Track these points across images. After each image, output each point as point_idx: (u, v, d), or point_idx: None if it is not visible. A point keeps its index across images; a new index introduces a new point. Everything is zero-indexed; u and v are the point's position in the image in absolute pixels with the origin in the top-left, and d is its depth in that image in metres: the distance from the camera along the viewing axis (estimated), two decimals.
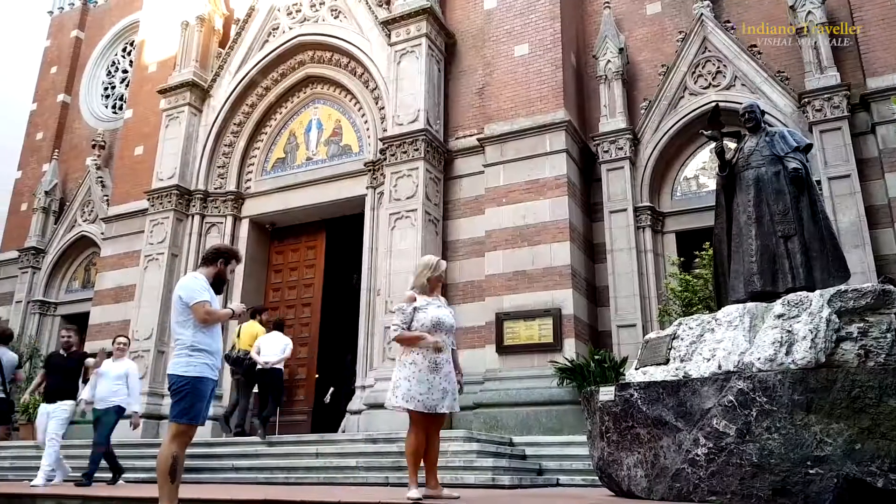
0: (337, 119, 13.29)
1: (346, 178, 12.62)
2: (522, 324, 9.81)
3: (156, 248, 12.97)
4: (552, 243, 9.99)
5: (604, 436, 4.81)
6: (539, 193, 10.31)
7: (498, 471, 7.29)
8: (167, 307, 12.54)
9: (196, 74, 13.90)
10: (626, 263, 10.10)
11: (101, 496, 6.08)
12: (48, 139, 18.33)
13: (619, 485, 4.70)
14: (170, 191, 13.15)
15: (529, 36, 11.18)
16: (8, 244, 17.70)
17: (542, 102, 10.72)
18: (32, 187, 17.65)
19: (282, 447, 8.93)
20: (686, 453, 4.21)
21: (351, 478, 7.64)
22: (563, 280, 9.79)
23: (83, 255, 16.30)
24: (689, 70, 10.64)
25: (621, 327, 9.87)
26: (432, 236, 10.88)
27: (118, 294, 13.78)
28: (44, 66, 19.62)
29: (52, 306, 16.12)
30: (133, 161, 14.94)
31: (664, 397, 4.40)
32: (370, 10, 12.55)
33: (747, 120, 5.76)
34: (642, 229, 10.33)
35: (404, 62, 11.67)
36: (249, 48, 13.87)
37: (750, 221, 5.42)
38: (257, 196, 13.52)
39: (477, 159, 11.22)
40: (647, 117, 10.72)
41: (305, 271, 13.41)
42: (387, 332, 10.27)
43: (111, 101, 18.54)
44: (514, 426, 9.20)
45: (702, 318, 5.16)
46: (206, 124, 13.85)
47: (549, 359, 9.43)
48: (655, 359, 5.14)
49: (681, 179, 10.76)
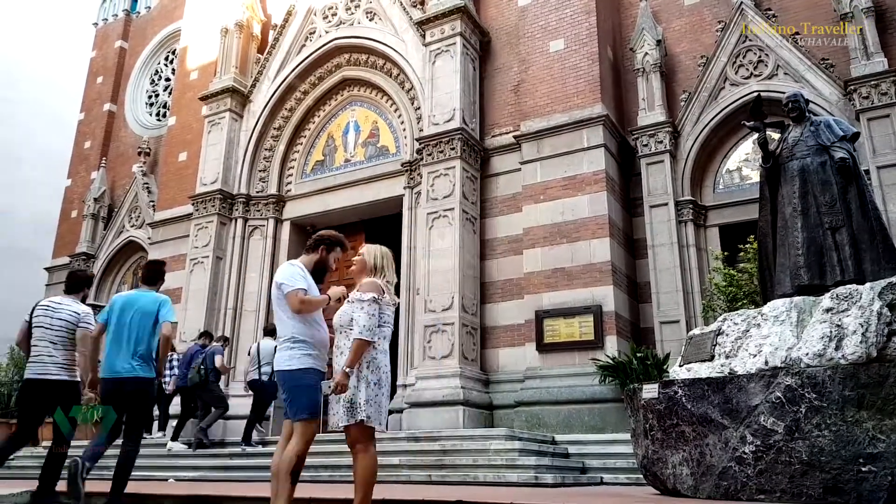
0: (374, 120, 13.41)
1: (383, 178, 12.73)
2: (562, 321, 9.75)
3: (201, 252, 13.27)
4: (591, 240, 9.91)
5: (648, 434, 4.76)
6: (577, 189, 10.23)
7: (541, 469, 7.27)
8: (213, 309, 12.85)
9: (236, 80, 14.17)
10: (668, 259, 9.95)
11: (174, 494, 6.25)
12: (96, 147, 18.90)
13: (665, 483, 4.65)
14: (213, 195, 13.44)
15: (565, 31, 11.10)
16: (60, 250, 18.31)
17: (579, 97, 10.64)
18: (82, 195, 18.23)
19: (326, 445, 9.05)
20: (733, 451, 4.14)
21: (394, 476, 7.70)
22: (604, 277, 9.70)
23: (131, 259, 16.78)
24: (729, 60, 10.42)
25: (664, 324, 9.74)
26: (470, 235, 10.90)
27: None
28: (90, 77, 20.25)
29: (102, 310, 16.59)
30: (177, 167, 15.32)
31: (709, 394, 4.33)
32: (405, 11, 12.62)
33: (791, 109, 5.62)
34: (684, 224, 10.17)
35: (439, 62, 11.70)
36: (287, 53, 14.08)
37: (796, 213, 5.29)
38: (298, 198, 13.72)
39: (513, 157, 11.19)
40: (686, 109, 10.55)
41: (346, 272, 13.52)
42: (426, 331, 10.35)
43: (155, 108, 19.02)
44: (556, 424, 9.16)
45: (747, 313, 5.06)
46: (246, 129, 14.11)
47: (591, 356, 9.36)
48: (700, 355, 5.06)
49: (723, 172, 10.56)
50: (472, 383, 10.09)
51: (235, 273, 13.20)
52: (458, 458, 7.74)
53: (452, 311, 10.23)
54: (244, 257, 13.39)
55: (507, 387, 10.25)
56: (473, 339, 10.49)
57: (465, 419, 9.48)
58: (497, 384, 10.42)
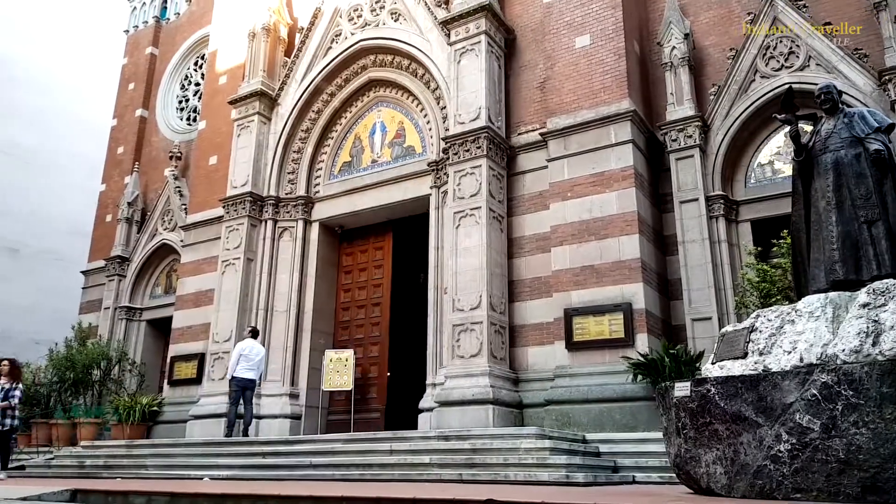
0: (400, 121, 13.46)
1: (410, 178, 12.78)
2: (592, 319, 9.69)
3: (232, 254, 13.46)
4: (620, 236, 9.83)
5: (680, 432, 4.71)
6: (605, 186, 10.16)
7: (572, 468, 7.24)
8: (244, 310, 13.03)
9: (264, 84, 14.33)
10: (699, 255, 9.83)
11: (209, 493, 6.35)
12: (129, 152, 19.28)
13: (698, 482, 4.60)
14: (243, 198, 13.62)
15: (590, 26, 11.02)
16: (95, 254, 18.72)
17: (606, 93, 10.56)
18: (116, 199, 18.62)
19: (357, 444, 9.13)
20: (768, 449, 4.08)
21: (425, 474, 7.74)
22: (633, 274, 9.62)
23: (165, 262, 17.09)
24: (759, 52, 10.25)
25: (696, 321, 9.62)
26: (497, 233, 10.89)
27: (198, 298, 14.38)
28: (122, 83, 20.65)
29: (137, 312, 16.96)
30: (208, 170, 15.56)
31: (743, 392, 4.28)
32: (429, 10, 12.65)
33: (823, 101, 5.51)
34: (715, 219, 10.04)
35: (464, 60, 11.70)
36: (314, 56, 14.20)
37: (830, 207, 5.19)
38: (326, 200, 13.84)
39: (540, 154, 11.16)
40: (716, 103, 10.41)
41: (374, 272, 13.65)
42: (455, 330, 10.37)
43: (185, 113, 19.34)
44: (587, 423, 9.11)
45: (781, 309, 4.98)
46: (275, 132, 14.27)
47: (621, 354, 9.29)
48: (733, 352, 5.00)
49: (754, 166, 10.40)
50: (502, 382, 10.08)
51: (266, 274, 13.36)
52: (489, 456, 7.75)
53: (480, 310, 10.24)
54: (274, 258, 13.55)
55: (536, 385, 10.23)
56: (502, 337, 10.48)
57: (494, 418, 9.48)
58: (526, 383, 10.40)
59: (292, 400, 12.56)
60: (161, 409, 13.65)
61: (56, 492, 6.65)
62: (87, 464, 10.97)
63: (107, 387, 14.70)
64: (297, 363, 12.91)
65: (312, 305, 13.26)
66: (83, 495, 6.64)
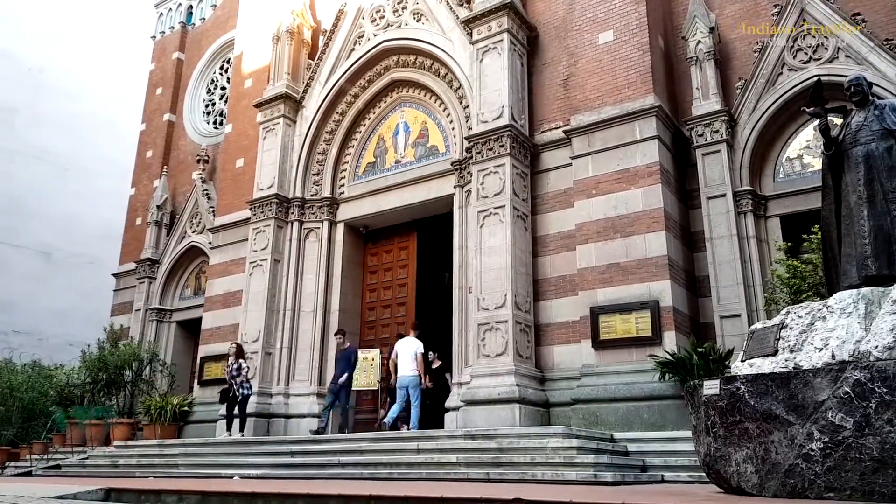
0: (423, 121, 13.49)
1: (434, 178, 12.80)
2: (618, 317, 9.62)
3: (259, 255, 13.60)
4: (646, 233, 9.74)
5: (710, 431, 4.66)
6: (630, 183, 10.07)
7: (600, 467, 7.20)
8: (272, 310, 13.17)
9: (289, 87, 14.46)
10: (728, 251, 9.70)
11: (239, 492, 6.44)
12: (157, 156, 19.60)
13: (728, 481, 4.55)
14: (270, 200, 13.76)
15: (614, 22, 10.93)
16: (126, 257, 19.07)
17: (630, 89, 10.47)
18: (145, 202, 18.94)
19: (384, 443, 9.17)
20: (799, 448, 4.02)
21: (452, 474, 7.75)
22: (660, 271, 9.53)
23: (194, 263, 17.34)
24: (786, 45, 10.08)
25: (725, 318, 9.50)
26: (521, 232, 10.86)
27: (227, 299, 14.57)
28: (150, 88, 21.00)
29: (167, 313, 17.24)
30: (235, 173, 15.75)
31: (773, 390, 4.22)
32: (451, 10, 12.65)
33: (853, 94, 5.41)
34: (743, 215, 9.90)
35: (487, 59, 11.68)
36: (337, 58, 14.29)
37: (861, 201, 5.09)
38: (350, 200, 13.93)
39: (564, 152, 11.10)
40: (743, 97, 10.26)
41: (399, 271, 13.70)
42: (480, 329, 10.37)
43: (212, 117, 19.60)
44: (615, 422, 9.05)
45: (812, 305, 4.91)
46: (300, 134, 14.40)
47: (649, 353, 9.21)
48: (762, 350, 4.94)
49: (783, 160, 10.23)
50: (528, 381, 10.05)
51: (293, 275, 13.49)
52: (516, 455, 7.73)
53: (505, 309, 10.22)
54: (301, 259, 13.67)
55: (562, 384, 10.18)
56: (527, 336, 10.45)
57: (520, 417, 9.46)
58: (553, 382, 10.36)
59: (320, 399, 12.66)
60: (191, 409, 13.85)
61: (91, 490, 6.79)
62: (120, 463, 11.18)
63: (138, 387, 14.97)
64: (324, 363, 13.02)
65: (338, 305, 13.36)
66: (117, 494, 6.78)
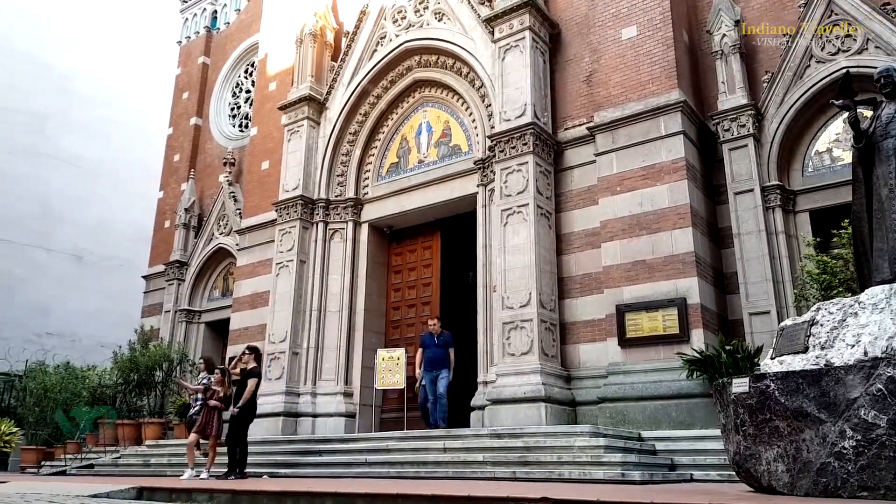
0: (445, 120, 13.51)
1: (456, 177, 12.81)
2: (645, 315, 9.54)
3: (285, 256, 13.73)
4: (673, 230, 9.65)
5: (739, 429, 4.61)
6: (656, 179, 9.98)
7: (627, 466, 7.16)
8: (298, 311, 13.29)
9: (312, 89, 14.57)
10: (756, 247, 9.57)
11: (269, 490, 6.53)
12: (184, 160, 19.89)
13: (759, 480, 4.50)
14: (295, 201, 13.89)
15: (637, 17, 10.84)
16: (155, 259, 19.38)
17: (654, 84, 10.37)
18: (174, 205, 19.23)
19: (411, 442, 9.21)
20: (832, 446, 3.96)
21: (479, 472, 7.76)
22: (687, 268, 9.43)
23: (221, 265, 17.57)
24: (814, 36, 9.91)
25: (753, 315, 9.36)
26: (545, 230, 10.82)
27: (254, 300, 14.73)
28: (176, 93, 21.31)
29: (196, 314, 17.49)
30: (260, 175, 15.92)
31: (804, 388, 4.16)
32: (472, 9, 12.64)
33: (883, 85, 5.31)
34: (771, 210, 9.75)
35: (509, 57, 11.66)
36: (359, 59, 14.37)
37: (893, 195, 5.00)
38: (374, 201, 14.00)
39: (587, 149, 11.03)
40: (770, 91, 10.10)
41: (423, 271, 13.74)
42: (505, 328, 10.35)
43: (237, 120, 19.83)
44: (642, 421, 8.98)
45: (843, 301, 4.83)
46: (324, 135, 14.51)
47: (676, 351, 9.12)
48: (793, 347, 4.87)
49: (812, 154, 10.06)
50: (553, 380, 10.02)
51: (318, 275, 13.60)
52: (542, 454, 7.72)
53: (530, 308, 10.19)
54: (326, 260, 13.77)
55: (589, 383, 10.13)
56: (553, 335, 10.42)
57: (546, 416, 9.43)
58: (579, 380, 10.31)
59: (346, 398, 12.77)
60: None
61: (123, 489, 6.93)
62: (151, 462, 11.37)
63: (169, 387, 15.20)
64: (350, 362, 13.11)
65: (364, 305, 13.44)
66: (149, 493, 6.90)
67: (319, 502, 5.56)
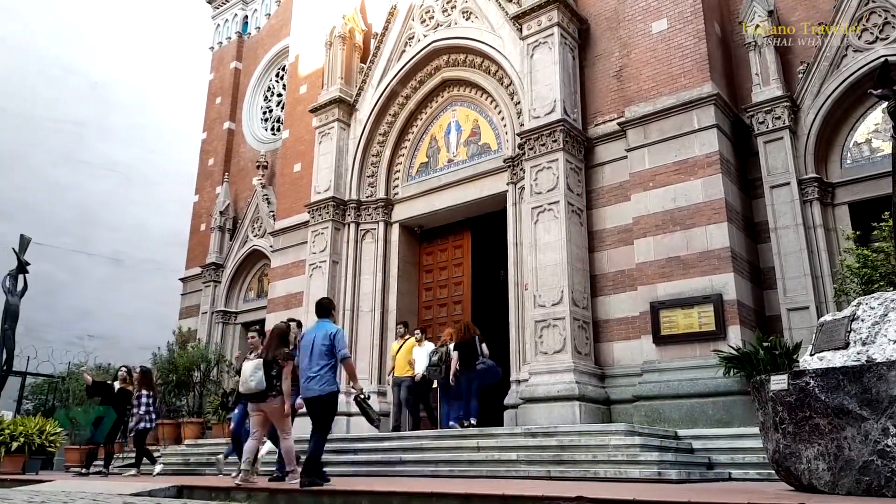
0: (474, 119, 13.50)
1: (486, 176, 12.80)
2: (680, 312, 9.42)
3: (318, 257, 13.88)
4: (707, 225, 9.51)
5: (778, 427, 4.53)
6: (689, 174, 9.85)
7: (664, 465, 7.08)
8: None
9: (342, 91, 14.69)
10: (794, 241, 9.38)
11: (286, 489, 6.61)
12: (218, 164, 20.21)
13: (799, 479, 4.41)
14: (327, 202, 14.02)
15: (667, 10, 10.71)
16: (192, 262, 19.74)
17: (686, 78, 10.23)
18: (209, 209, 19.56)
19: (445, 441, 9.23)
20: (874, 444, 3.87)
21: (513, 471, 7.74)
22: (723, 263, 9.29)
23: (256, 267, 17.84)
24: (850, 25, 9.67)
25: (792, 311, 9.19)
26: (577, 227, 10.75)
27: (288, 301, 14.91)
28: (209, 98, 21.67)
29: (232, 315, 17.77)
30: (293, 177, 16.11)
31: (845, 384, 4.08)
32: (500, 6, 12.61)
33: None
34: (809, 203, 9.55)
35: (537, 54, 11.61)
36: (388, 60, 14.44)
37: None
38: (405, 201, 14.06)
39: (618, 144, 10.93)
40: (805, 81, 9.89)
41: (454, 270, 13.75)
42: (537, 326, 10.31)
43: (269, 123, 20.09)
44: (678, 419, 8.87)
45: (885, 296, 4.71)
46: (354, 137, 14.61)
47: (712, 348, 8.99)
48: (833, 343, 4.77)
49: (850, 145, 9.82)
50: (587, 378, 9.95)
51: (351, 276, 13.71)
52: (577, 453, 7.67)
53: (562, 306, 10.14)
54: (358, 260, 13.88)
55: (623, 381, 10.04)
56: (586, 333, 10.34)
57: (581, 414, 9.37)
58: (613, 378, 10.23)
59: (380, 398, 12.84)
60: None
61: (164, 488, 7.08)
62: (191, 461, 11.58)
63: (206, 387, 15.47)
64: (383, 362, 13.18)
65: (396, 305, 13.51)
66: (188, 491, 7.04)
67: (356, 501, 5.62)
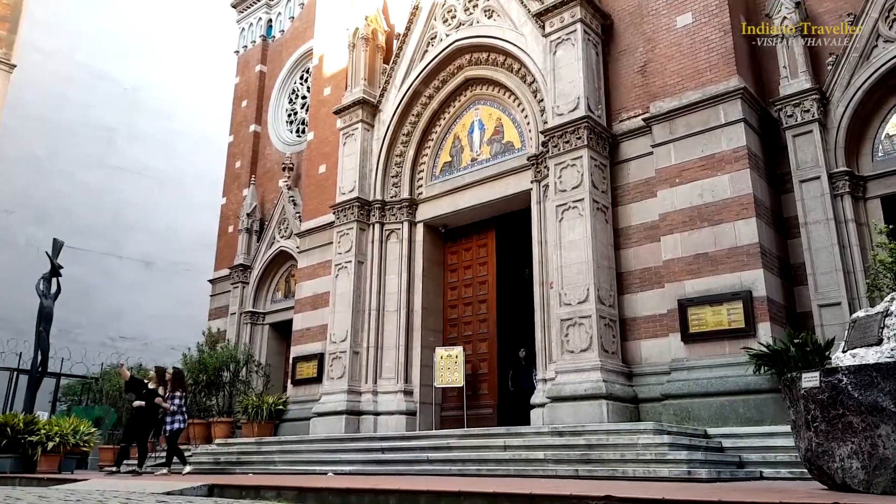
0: (497, 118, 13.48)
1: (510, 174, 12.77)
2: (709, 309, 9.31)
3: (343, 258, 13.97)
4: (735, 221, 9.38)
5: (810, 425, 4.46)
6: (716, 169, 9.72)
7: (693, 464, 7.01)
8: (357, 311, 13.51)
9: (365, 92, 14.76)
10: (824, 236, 9.21)
11: (333, 487, 6.67)
12: (245, 166, 20.45)
13: (832, 477, 4.34)
14: (351, 203, 14.12)
15: (692, 3, 10.58)
16: (220, 263, 20.00)
17: (712, 72, 10.10)
18: (236, 211, 19.81)
19: (471, 440, 9.24)
20: None
21: (540, 470, 7.73)
22: (752, 260, 9.16)
23: (283, 267, 18.02)
24: (881, 15, 9.46)
25: (823, 307, 9.02)
26: (602, 224, 10.67)
27: (315, 301, 15.05)
28: (235, 101, 21.92)
29: (260, 316, 17.98)
30: (318, 179, 16.24)
31: (879, 381, 4.00)
32: (522, 4, 12.57)
33: None
34: (840, 197, 9.37)
35: (560, 51, 11.55)
36: (411, 60, 14.48)
37: None
38: (429, 200, 14.09)
39: (644, 140, 10.83)
40: (835, 73, 9.70)
41: (479, 269, 13.75)
42: (563, 324, 10.27)
43: (294, 125, 20.27)
44: (708, 417, 8.77)
45: None
46: (378, 138, 14.68)
47: (742, 345, 8.86)
48: (866, 339, 4.68)
49: (882, 138, 9.61)
50: (614, 377, 9.88)
51: (376, 276, 13.78)
52: (605, 452, 7.63)
53: (588, 304, 10.08)
54: (383, 260, 13.95)
55: (651, 379, 9.95)
56: (612, 331, 10.27)
57: (608, 413, 9.31)
58: (641, 377, 10.14)
59: (406, 397, 12.90)
60: (286, 408, 14.39)
61: (195, 486, 7.19)
62: (221, 460, 11.75)
63: (236, 387, 15.68)
64: (409, 361, 13.24)
65: (421, 304, 13.55)
66: (219, 490, 7.15)
67: (384, 499, 5.65)
